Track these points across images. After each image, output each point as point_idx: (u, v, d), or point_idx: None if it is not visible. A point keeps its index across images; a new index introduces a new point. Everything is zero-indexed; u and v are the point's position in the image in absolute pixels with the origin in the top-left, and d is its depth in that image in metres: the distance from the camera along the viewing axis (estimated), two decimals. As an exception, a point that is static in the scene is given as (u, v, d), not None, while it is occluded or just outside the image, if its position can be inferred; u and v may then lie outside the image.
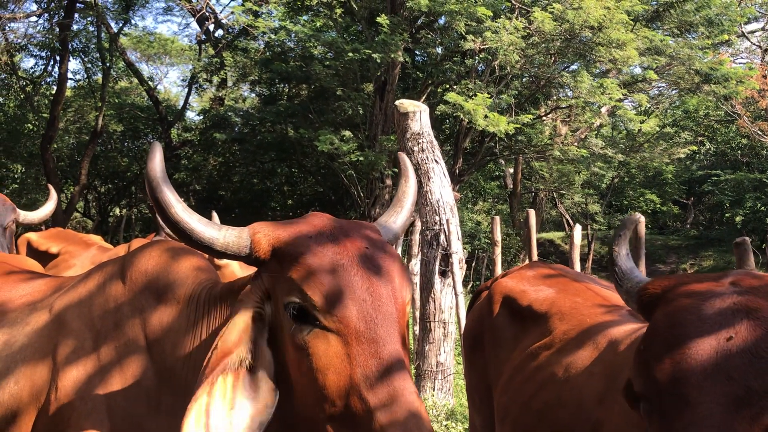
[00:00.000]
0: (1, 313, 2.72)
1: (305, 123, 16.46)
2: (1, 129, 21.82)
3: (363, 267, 1.74)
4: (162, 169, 1.92)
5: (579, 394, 2.57)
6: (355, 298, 1.69)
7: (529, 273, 3.52)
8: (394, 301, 1.73)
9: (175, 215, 1.85)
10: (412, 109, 6.58)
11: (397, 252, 1.89)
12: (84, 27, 21.57)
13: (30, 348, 2.53)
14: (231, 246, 1.85)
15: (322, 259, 1.73)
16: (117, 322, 2.50)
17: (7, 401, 2.45)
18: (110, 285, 2.58)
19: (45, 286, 2.84)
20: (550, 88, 15.18)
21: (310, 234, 1.80)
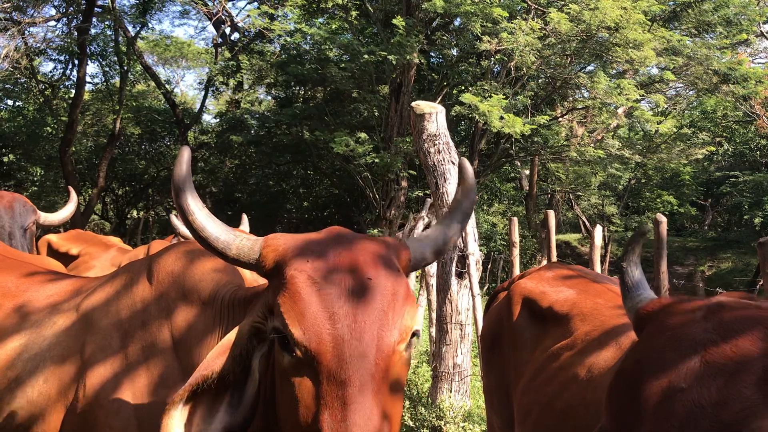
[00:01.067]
0: (26, 314, 2.76)
1: (321, 125, 16.50)
2: (20, 132, 22.05)
3: (353, 302, 1.60)
4: (188, 174, 1.92)
5: (602, 394, 2.56)
6: (334, 336, 1.57)
7: (548, 274, 3.51)
8: (378, 343, 1.58)
9: (194, 221, 1.83)
10: (429, 110, 6.56)
11: (402, 284, 1.69)
12: (102, 31, 21.80)
13: (58, 347, 2.56)
14: (243, 255, 1.81)
15: (311, 288, 1.63)
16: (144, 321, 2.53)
17: (36, 399, 2.49)
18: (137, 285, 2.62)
19: (69, 286, 2.88)
20: (567, 89, 15.10)
21: (312, 256, 1.70)
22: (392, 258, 1.76)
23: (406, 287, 1.71)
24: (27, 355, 2.57)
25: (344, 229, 1.85)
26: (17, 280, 2.96)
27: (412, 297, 1.72)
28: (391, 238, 1.88)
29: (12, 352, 2.59)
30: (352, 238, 1.79)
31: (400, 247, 1.84)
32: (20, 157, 22.61)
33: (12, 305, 2.79)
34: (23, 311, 2.76)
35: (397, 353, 1.63)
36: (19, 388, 2.51)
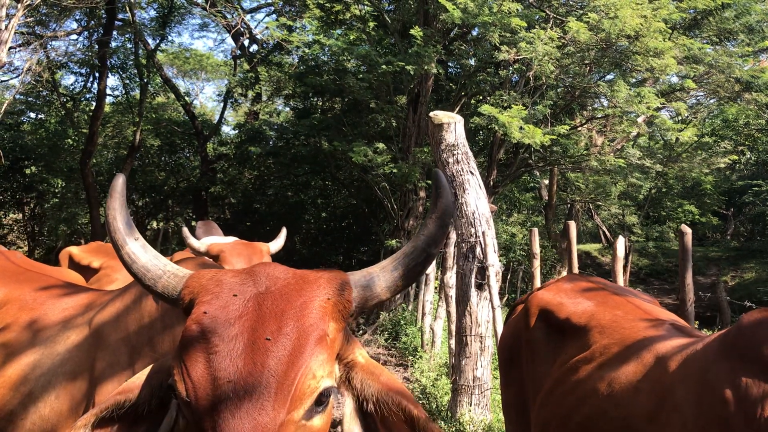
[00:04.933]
0: (41, 329, 2.77)
1: (339, 136, 16.53)
2: (42, 144, 22.33)
3: (242, 366, 1.40)
4: (121, 204, 1.76)
5: (625, 410, 2.52)
6: (214, 405, 1.38)
7: (566, 285, 3.47)
8: (259, 418, 1.36)
9: (124, 254, 1.70)
10: (447, 120, 6.54)
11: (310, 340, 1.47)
12: (122, 44, 22.09)
13: (70, 363, 2.56)
14: (167, 292, 1.64)
15: (200, 344, 1.45)
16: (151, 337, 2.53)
17: (48, 415, 2.49)
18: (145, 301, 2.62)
19: (83, 300, 2.88)
20: (586, 98, 15.00)
21: (215, 305, 1.51)
22: (316, 305, 1.52)
23: (315, 342, 1.47)
24: (40, 370, 2.57)
25: (274, 267, 1.64)
26: (34, 293, 2.97)
27: (323, 349, 1.48)
28: (334, 274, 1.64)
29: (26, 368, 2.60)
30: (275, 280, 1.58)
31: (339, 288, 1.59)
32: (42, 169, 22.87)
33: (28, 319, 2.81)
34: (38, 326, 2.77)
35: (290, 425, 1.40)
36: (32, 404, 2.52)
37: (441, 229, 1.68)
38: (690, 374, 2.35)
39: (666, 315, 3.10)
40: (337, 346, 1.57)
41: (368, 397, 1.62)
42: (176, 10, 22.10)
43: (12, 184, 22.80)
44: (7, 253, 3.60)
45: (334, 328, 1.54)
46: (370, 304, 1.63)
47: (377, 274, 1.64)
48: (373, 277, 1.64)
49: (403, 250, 1.69)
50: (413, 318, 12.20)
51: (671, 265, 25.61)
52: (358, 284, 1.62)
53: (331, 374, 1.52)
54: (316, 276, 1.61)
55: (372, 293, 1.62)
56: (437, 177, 1.74)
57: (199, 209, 23.89)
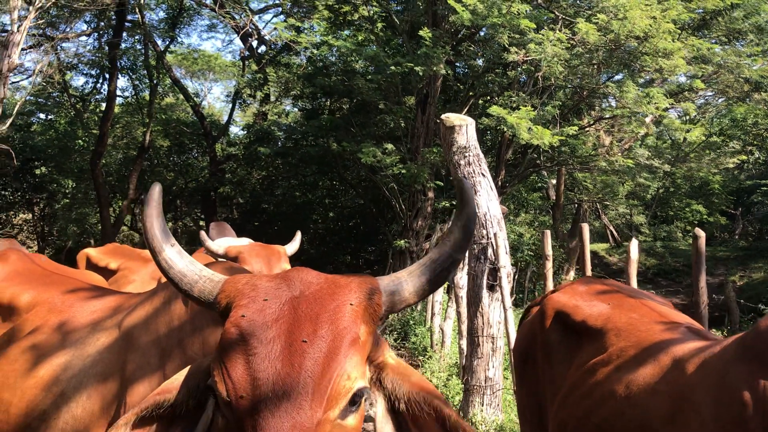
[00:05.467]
0: (71, 331, 2.82)
1: (347, 136, 16.58)
2: (53, 145, 22.45)
3: (279, 367, 1.46)
4: (158, 212, 1.84)
5: (643, 412, 2.56)
6: (254, 405, 1.44)
7: (581, 288, 3.50)
8: (298, 417, 1.42)
9: (161, 260, 1.76)
10: (458, 122, 6.59)
11: (344, 342, 1.53)
12: (132, 45, 22.18)
13: (101, 364, 2.61)
14: (203, 296, 1.69)
15: (239, 346, 1.51)
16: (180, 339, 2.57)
17: (80, 415, 2.53)
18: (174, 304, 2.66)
19: (112, 303, 2.93)
20: (594, 98, 15.02)
21: (253, 308, 1.57)
22: (348, 309, 1.58)
23: (349, 344, 1.53)
24: (71, 371, 2.61)
25: (307, 273, 1.70)
26: (63, 295, 3.03)
27: (356, 350, 1.55)
28: (364, 279, 1.69)
29: (57, 369, 2.64)
30: (308, 285, 1.64)
31: (370, 293, 1.64)
32: (52, 170, 23.00)
33: (57, 321, 2.86)
34: (68, 328, 2.81)
35: (326, 424, 1.46)
36: (64, 404, 2.55)
37: (466, 235, 1.75)
38: (708, 376, 2.39)
39: (681, 318, 3.14)
40: (368, 349, 1.63)
41: (400, 396, 1.68)
42: (185, 12, 22.18)
43: (22, 185, 22.95)
44: (33, 256, 3.67)
45: (365, 330, 1.60)
46: (398, 307, 1.68)
47: (405, 279, 1.70)
48: (401, 282, 1.69)
49: (429, 256, 1.74)
50: (422, 318, 12.24)
51: (679, 265, 25.55)
52: (386, 289, 1.67)
53: (364, 375, 1.58)
54: (347, 281, 1.67)
55: (400, 297, 1.68)
56: (462, 185, 1.81)
57: (207, 209, 23.98)
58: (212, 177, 23.33)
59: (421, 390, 1.68)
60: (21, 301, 3.11)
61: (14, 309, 3.11)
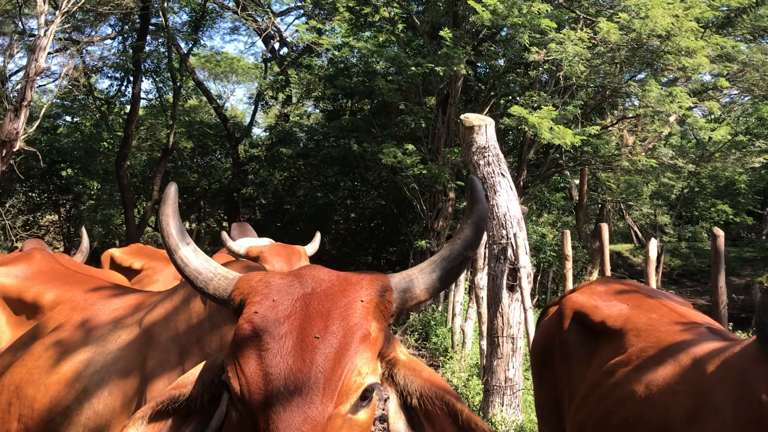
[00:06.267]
0: (92, 328, 2.86)
1: (368, 137, 16.61)
2: (78, 147, 22.74)
3: (291, 362, 1.48)
4: (173, 211, 1.86)
5: (663, 413, 2.54)
6: (266, 399, 1.46)
7: (600, 288, 3.48)
8: (309, 411, 1.44)
9: (177, 258, 1.78)
10: (478, 122, 6.58)
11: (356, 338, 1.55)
12: (155, 48, 22.43)
13: (122, 361, 2.64)
14: (218, 293, 1.72)
15: (252, 342, 1.53)
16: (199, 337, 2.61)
17: (102, 411, 2.56)
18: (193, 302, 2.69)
19: (133, 301, 2.98)
20: (616, 98, 14.89)
21: (265, 305, 1.59)
22: (359, 305, 1.60)
23: (360, 340, 1.55)
24: (93, 368, 2.64)
25: (319, 270, 1.72)
26: (85, 294, 3.08)
27: (367, 346, 1.56)
28: (375, 276, 1.71)
29: (80, 365, 2.68)
30: (320, 282, 1.66)
31: (380, 289, 1.66)
32: (78, 172, 23.29)
33: (80, 318, 2.90)
34: (90, 325, 2.86)
35: (337, 419, 1.48)
36: (86, 400, 2.59)
37: (477, 233, 1.75)
38: (728, 376, 2.38)
39: (700, 318, 3.11)
40: (379, 345, 1.65)
41: (412, 392, 1.69)
42: (208, 14, 22.38)
43: (49, 186, 23.26)
44: (56, 256, 3.73)
45: (376, 327, 1.61)
46: (409, 305, 1.69)
47: (416, 276, 1.71)
48: (412, 279, 1.70)
49: (440, 254, 1.75)
50: (443, 319, 12.22)
51: (704, 266, 25.25)
52: (398, 286, 1.68)
53: (375, 371, 1.59)
54: (358, 278, 1.69)
55: (411, 294, 1.69)
56: (473, 183, 1.81)
57: (230, 210, 24.16)
58: (235, 178, 23.50)
59: (432, 385, 1.69)
60: (45, 299, 3.17)
61: (38, 307, 3.17)
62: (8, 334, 3.20)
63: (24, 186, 22.61)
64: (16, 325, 3.23)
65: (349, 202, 25.08)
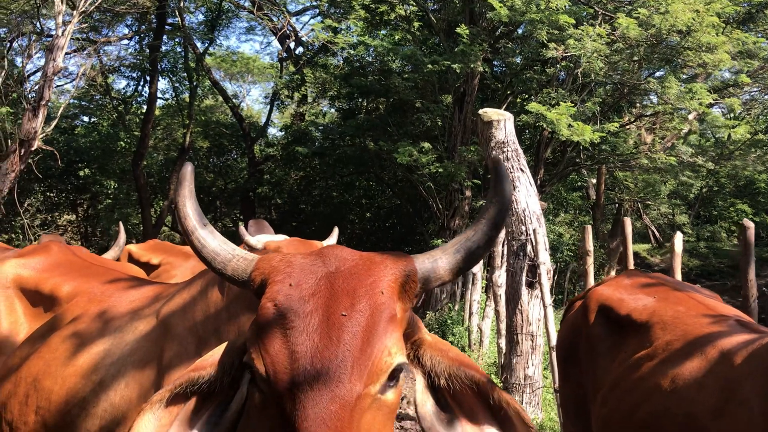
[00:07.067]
0: (110, 319, 2.84)
1: (384, 136, 16.58)
2: (95, 147, 22.90)
3: (318, 340, 1.45)
4: (189, 191, 1.80)
5: (689, 406, 2.49)
6: (292, 378, 1.43)
7: (626, 281, 3.43)
8: (337, 389, 1.41)
9: (194, 239, 1.74)
10: (496, 117, 6.51)
11: (383, 317, 1.52)
12: (172, 48, 22.56)
13: (139, 352, 2.62)
14: (237, 275, 1.68)
15: (277, 320, 1.50)
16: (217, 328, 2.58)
17: (118, 403, 2.54)
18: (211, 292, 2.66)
19: (150, 292, 2.95)
20: (635, 95, 14.74)
21: (288, 284, 1.56)
22: (385, 284, 1.57)
23: (388, 319, 1.52)
24: (110, 359, 2.62)
25: (342, 249, 1.69)
26: (102, 286, 3.06)
27: (395, 326, 1.54)
28: (399, 255, 1.68)
29: (96, 357, 2.66)
30: (343, 260, 1.63)
31: (404, 268, 1.63)
32: (95, 171, 23.46)
33: (97, 310, 2.88)
34: (107, 316, 2.84)
35: (366, 398, 1.45)
36: (103, 392, 2.57)
37: (501, 213, 1.71)
38: (757, 369, 2.32)
39: (729, 311, 3.04)
40: (404, 326, 1.62)
41: (439, 373, 1.66)
42: (224, 14, 22.47)
43: (66, 186, 23.46)
44: (74, 249, 3.72)
45: (400, 307, 1.59)
46: (433, 285, 1.66)
47: (440, 257, 1.68)
48: (436, 260, 1.67)
49: (465, 234, 1.72)
50: (460, 318, 12.16)
51: (723, 266, 24.98)
52: (422, 266, 1.65)
53: (403, 351, 1.56)
54: (382, 258, 1.66)
55: (435, 275, 1.66)
56: (497, 163, 1.76)
57: (246, 210, 24.23)
58: (251, 178, 23.56)
59: (461, 365, 1.66)
60: (62, 291, 3.16)
61: (55, 299, 3.16)
62: (25, 326, 3.19)
63: (42, 186, 22.82)
64: (33, 317, 3.21)
65: (364, 202, 25.07)
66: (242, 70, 28.83)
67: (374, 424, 1.48)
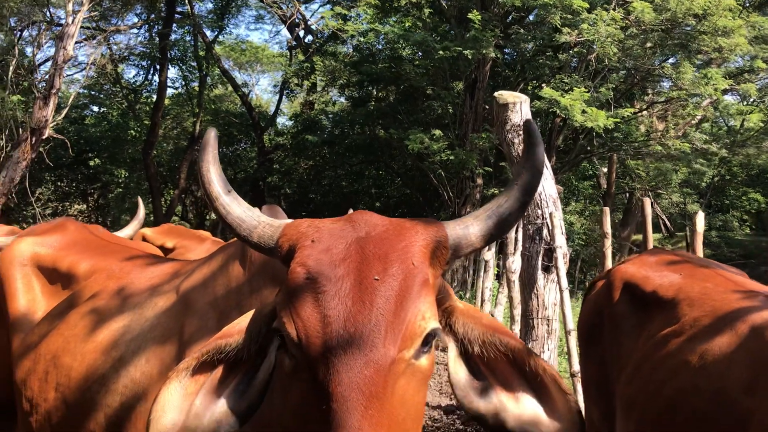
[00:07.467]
0: (129, 296, 2.82)
1: (394, 124, 16.52)
2: (105, 137, 22.96)
3: (351, 304, 1.43)
4: (213, 157, 1.77)
5: (719, 382, 2.43)
6: (325, 342, 1.40)
7: (651, 259, 3.37)
8: (371, 353, 1.38)
9: (218, 206, 1.72)
10: (512, 100, 6.43)
11: (417, 281, 1.48)
12: (182, 36, 22.55)
13: (159, 328, 2.59)
14: (263, 241, 1.65)
15: (307, 285, 1.47)
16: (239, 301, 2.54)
17: (139, 378, 2.52)
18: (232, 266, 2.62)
19: (169, 269, 2.92)
20: (648, 81, 14.60)
21: (319, 248, 1.53)
22: (417, 249, 1.54)
23: (421, 284, 1.49)
24: (130, 335, 2.60)
25: (371, 215, 1.65)
26: (120, 263, 3.03)
27: (428, 290, 1.50)
28: (430, 221, 1.64)
29: (116, 333, 2.64)
30: (373, 226, 1.59)
31: (436, 234, 1.59)
32: (105, 161, 23.53)
33: (116, 287, 2.86)
34: (126, 293, 2.81)
35: (401, 363, 1.42)
36: (123, 368, 2.54)
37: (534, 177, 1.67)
38: (790, 344, 2.27)
39: (759, 287, 2.98)
40: (435, 291, 1.59)
41: (473, 340, 1.63)
42: (233, 2, 22.42)
43: (77, 175, 23.54)
44: (91, 227, 3.70)
45: (432, 273, 1.56)
46: (464, 251, 1.63)
47: (471, 223, 1.65)
48: (467, 226, 1.64)
49: (497, 200, 1.68)
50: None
51: (735, 256, 24.83)
52: (453, 232, 1.62)
53: (436, 316, 1.52)
54: (413, 223, 1.63)
55: (467, 241, 1.62)
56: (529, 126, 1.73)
57: (256, 199, 24.23)
58: (260, 167, 23.55)
59: (495, 332, 1.62)
60: (80, 268, 3.14)
61: (73, 276, 3.14)
62: (44, 303, 3.17)
63: (53, 175, 22.88)
64: (51, 295, 3.20)
65: (373, 191, 25.04)
66: (251, 60, 28.78)
67: (408, 390, 1.46)
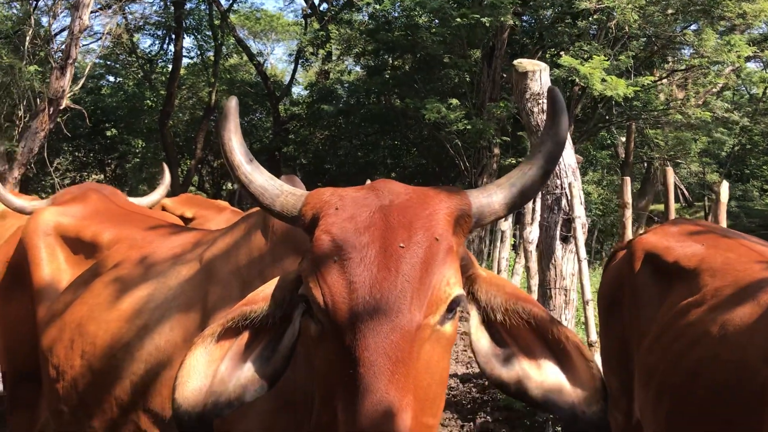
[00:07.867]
0: (152, 265, 2.84)
1: (410, 93, 16.40)
2: (122, 107, 23.00)
3: (376, 271, 1.44)
4: (235, 126, 1.78)
5: (741, 352, 2.42)
6: (350, 308, 1.42)
7: (673, 229, 3.34)
8: (397, 319, 1.40)
9: (240, 175, 1.72)
10: (532, 68, 6.34)
11: (441, 248, 1.50)
12: (196, 5, 22.42)
13: (183, 296, 2.61)
14: (286, 210, 1.67)
15: (332, 252, 1.49)
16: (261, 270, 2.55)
17: (163, 346, 2.55)
18: (254, 235, 2.63)
19: (191, 238, 2.94)
20: (668, 49, 14.35)
21: (343, 216, 1.54)
22: (441, 217, 1.55)
23: (446, 251, 1.50)
24: (153, 304, 2.62)
25: (394, 184, 1.66)
26: (143, 232, 3.05)
27: (452, 258, 1.52)
28: (453, 189, 1.65)
29: (140, 301, 2.67)
30: (397, 194, 1.60)
31: (459, 202, 1.60)
32: (122, 131, 23.61)
33: (139, 256, 2.88)
34: (149, 262, 2.83)
35: (426, 329, 1.44)
36: (147, 336, 2.57)
37: (558, 146, 1.66)
38: (815, 314, 2.25)
39: (783, 257, 2.95)
40: (459, 259, 1.60)
41: (496, 308, 1.64)
42: (248, -30, 22.20)
43: (94, 146, 23.67)
44: (110, 194, 3.72)
45: (456, 241, 1.57)
46: (487, 219, 1.65)
47: (494, 191, 1.66)
48: (491, 194, 1.65)
49: (520, 168, 1.68)
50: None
51: (754, 226, 24.61)
52: (476, 200, 1.64)
53: (461, 283, 1.55)
54: (436, 191, 1.64)
55: (490, 209, 1.64)
56: (554, 93, 1.69)
57: (272, 170, 23.68)
58: (276, 137, 23.53)
59: (518, 299, 1.63)
60: (103, 238, 3.16)
61: (96, 246, 3.16)
62: (68, 272, 3.20)
63: (71, 146, 23.00)
64: (75, 264, 3.22)
65: (389, 162, 24.96)
66: (266, 29, 28.54)
67: (433, 355, 1.48)
